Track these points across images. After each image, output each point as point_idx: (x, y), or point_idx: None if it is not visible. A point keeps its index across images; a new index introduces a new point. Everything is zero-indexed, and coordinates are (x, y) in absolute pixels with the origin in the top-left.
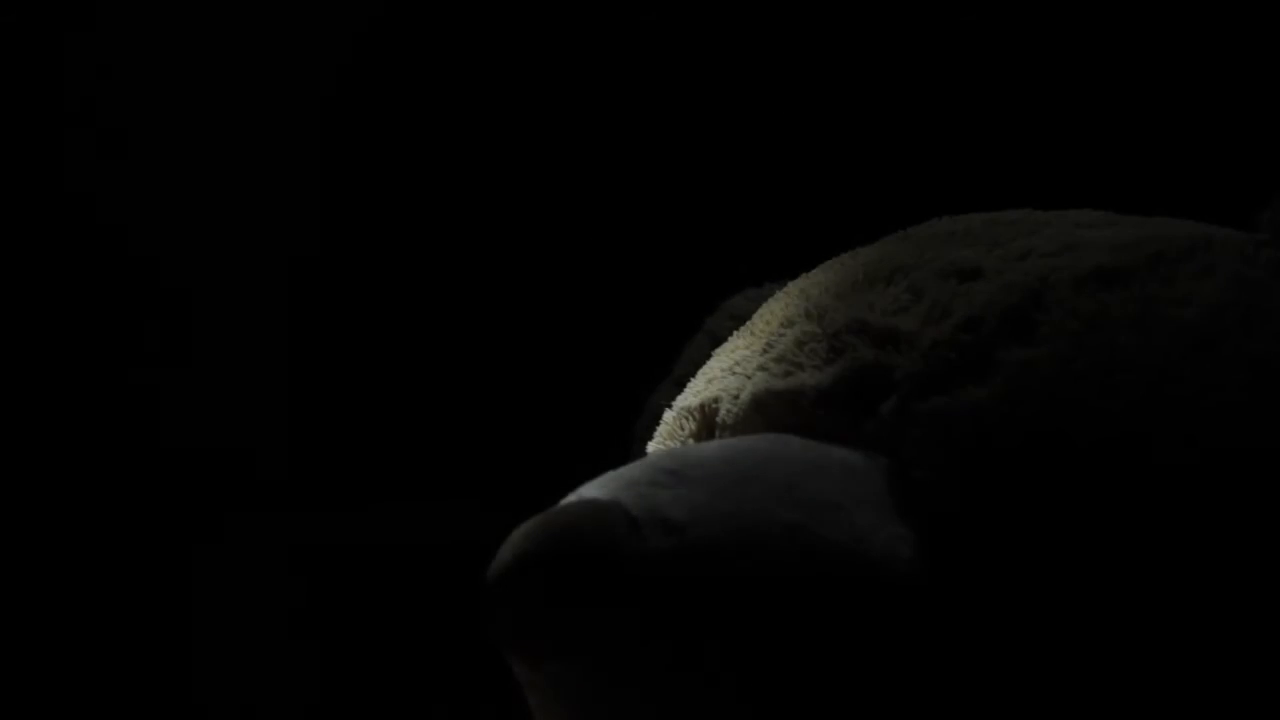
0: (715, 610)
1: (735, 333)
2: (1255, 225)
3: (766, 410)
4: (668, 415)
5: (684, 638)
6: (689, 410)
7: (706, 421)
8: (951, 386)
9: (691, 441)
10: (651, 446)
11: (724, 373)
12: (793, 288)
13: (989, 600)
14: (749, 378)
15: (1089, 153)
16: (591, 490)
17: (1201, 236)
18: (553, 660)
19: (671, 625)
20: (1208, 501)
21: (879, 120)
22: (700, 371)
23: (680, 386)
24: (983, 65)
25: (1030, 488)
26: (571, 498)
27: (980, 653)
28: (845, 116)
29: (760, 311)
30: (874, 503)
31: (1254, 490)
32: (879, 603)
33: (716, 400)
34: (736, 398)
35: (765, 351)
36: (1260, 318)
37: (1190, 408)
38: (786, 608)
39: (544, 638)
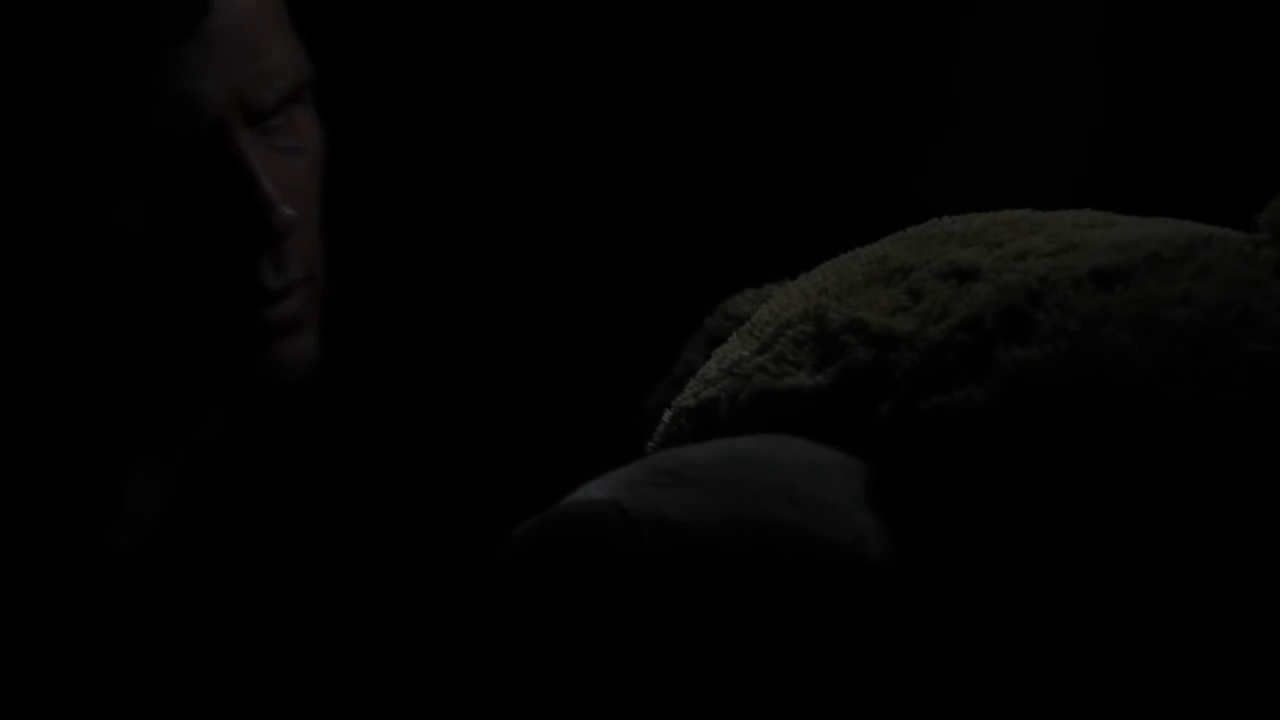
0: (713, 610)
1: (734, 333)
2: (1255, 225)
3: (765, 411)
4: (666, 416)
5: (682, 637)
6: (688, 411)
7: (705, 422)
8: (950, 387)
9: (690, 442)
10: (650, 447)
11: (722, 373)
12: (792, 288)
13: (987, 600)
14: (747, 378)
15: (1089, 153)
16: (590, 490)
17: (1201, 236)
18: (551, 659)
19: (669, 624)
20: (1207, 501)
21: (878, 120)
22: (699, 372)
23: (679, 387)
24: (983, 65)
25: (1029, 488)
26: (571, 498)
27: (978, 652)
28: (844, 116)
29: (759, 312)
30: (872, 503)
31: (1253, 490)
32: (876, 602)
33: (715, 401)
34: (735, 398)
35: (764, 352)
36: (1260, 317)
37: (1189, 408)
38: (784, 608)
39: (544, 637)
